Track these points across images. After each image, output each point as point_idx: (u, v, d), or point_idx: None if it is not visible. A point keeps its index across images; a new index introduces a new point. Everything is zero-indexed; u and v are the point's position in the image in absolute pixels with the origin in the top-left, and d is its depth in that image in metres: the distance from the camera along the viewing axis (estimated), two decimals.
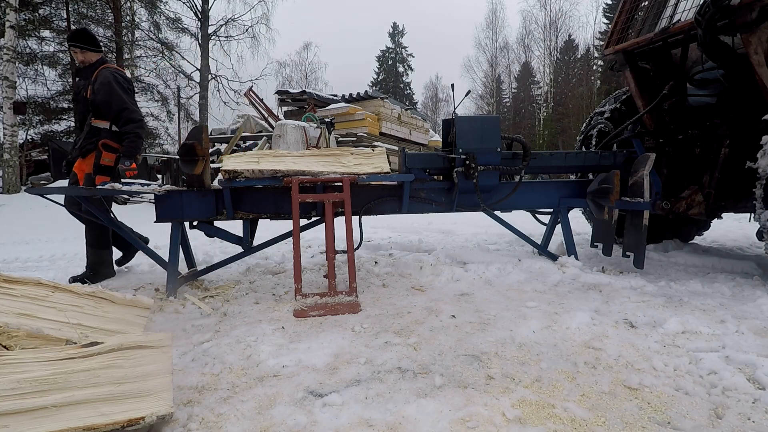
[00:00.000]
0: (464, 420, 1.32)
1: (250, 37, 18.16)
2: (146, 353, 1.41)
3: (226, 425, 1.32)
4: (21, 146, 11.66)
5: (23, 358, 1.23)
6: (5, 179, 9.81)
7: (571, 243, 3.24)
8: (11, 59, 9.95)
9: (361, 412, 1.38)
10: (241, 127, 9.95)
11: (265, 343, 1.89)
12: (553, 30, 28.16)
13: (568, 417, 1.35)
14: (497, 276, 2.92)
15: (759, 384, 1.54)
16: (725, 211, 3.39)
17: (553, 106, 27.62)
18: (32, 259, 4.23)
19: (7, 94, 9.87)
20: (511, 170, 3.10)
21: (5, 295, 1.58)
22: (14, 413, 1.11)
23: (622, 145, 3.63)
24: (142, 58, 17.74)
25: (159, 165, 9.36)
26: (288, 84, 27.02)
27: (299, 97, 11.44)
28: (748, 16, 2.57)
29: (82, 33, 3.04)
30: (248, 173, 2.63)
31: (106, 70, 2.97)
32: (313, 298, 2.44)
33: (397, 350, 1.83)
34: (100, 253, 3.05)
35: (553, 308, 2.33)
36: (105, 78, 2.90)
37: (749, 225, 3.97)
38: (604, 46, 3.77)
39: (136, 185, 2.80)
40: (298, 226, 2.57)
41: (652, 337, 1.95)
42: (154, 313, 2.28)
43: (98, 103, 2.91)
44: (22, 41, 13.47)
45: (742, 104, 3.03)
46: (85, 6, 15.68)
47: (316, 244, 4.38)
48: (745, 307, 2.36)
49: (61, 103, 16.32)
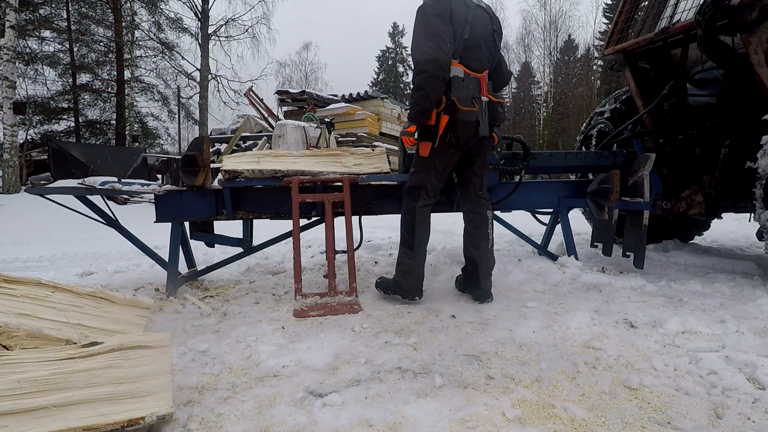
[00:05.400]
0: (464, 420, 1.32)
1: (250, 37, 18.18)
2: (146, 353, 1.41)
3: (226, 425, 1.32)
4: (21, 146, 11.65)
5: (23, 358, 1.23)
6: (5, 179, 9.81)
7: (571, 243, 3.24)
8: (11, 59, 9.95)
9: (361, 412, 1.38)
10: (241, 127, 9.94)
11: (265, 343, 1.89)
12: (553, 30, 28.20)
13: (568, 417, 1.35)
14: (497, 276, 2.92)
15: (759, 384, 1.54)
16: (725, 211, 3.39)
17: (553, 106, 27.63)
18: (32, 259, 4.24)
19: (7, 94, 9.88)
20: (511, 170, 3.10)
21: (5, 295, 1.58)
22: (14, 413, 1.11)
23: (622, 145, 3.63)
24: (142, 58, 17.75)
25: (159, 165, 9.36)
26: (288, 84, 27.05)
27: (299, 97, 11.44)
28: (748, 16, 2.57)
29: None
30: (248, 173, 2.64)
31: None
32: (313, 298, 2.44)
33: (397, 350, 1.83)
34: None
35: (553, 308, 2.33)
36: None
37: (749, 225, 3.97)
38: (604, 46, 3.77)
39: (136, 185, 2.80)
40: (298, 226, 2.57)
41: (652, 337, 1.95)
42: (154, 313, 2.28)
43: None
44: (22, 41, 13.47)
45: (742, 104, 3.03)
46: (86, 6, 15.69)
47: (316, 244, 4.38)
48: (745, 307, 2.36)
49: (61, 103, 16.32)
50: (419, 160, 2.40)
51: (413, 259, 2.41)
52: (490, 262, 2.46)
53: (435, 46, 2.12)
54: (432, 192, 2.40)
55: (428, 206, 2.41)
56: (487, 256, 2.44)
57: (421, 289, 2.46)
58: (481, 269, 2.44)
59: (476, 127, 2.23)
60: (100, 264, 3.83)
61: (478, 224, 2.48)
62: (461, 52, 2.22)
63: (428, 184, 2.38)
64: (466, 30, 2.22)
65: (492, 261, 2.48)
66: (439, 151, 2.31)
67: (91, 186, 2.63)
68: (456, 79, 2.20)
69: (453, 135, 2.24)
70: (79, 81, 16.44)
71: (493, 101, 2.32)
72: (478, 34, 2.28)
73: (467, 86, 2.22)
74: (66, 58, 15.78)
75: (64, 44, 15.67)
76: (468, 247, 2.51)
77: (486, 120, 2.25)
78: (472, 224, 2.50)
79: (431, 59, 2.12)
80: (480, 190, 2.50)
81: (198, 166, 2.66)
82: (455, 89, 2.19)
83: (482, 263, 2.44)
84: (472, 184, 2.50)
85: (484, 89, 2.28)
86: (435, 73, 2.13)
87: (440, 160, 2.34)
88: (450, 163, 2.39)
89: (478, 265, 2.44)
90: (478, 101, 2.23)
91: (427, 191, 2.38)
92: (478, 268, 2.44)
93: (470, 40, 2.23)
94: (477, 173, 2.49)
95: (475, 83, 2.24)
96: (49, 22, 14.79)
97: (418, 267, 2.42)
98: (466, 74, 2.23)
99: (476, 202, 2.50)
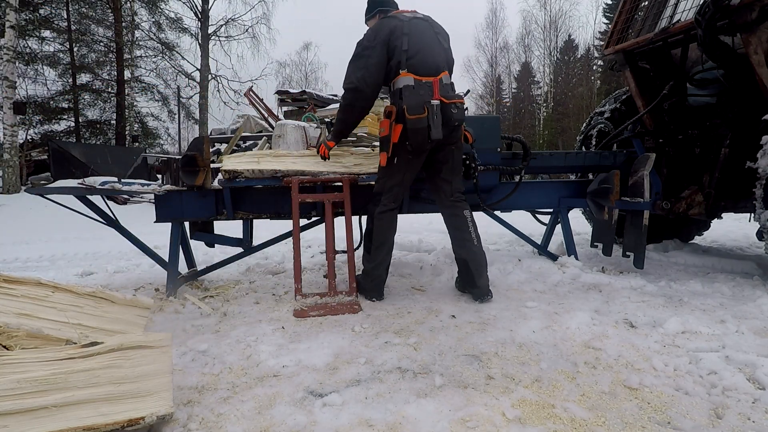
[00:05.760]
0: (464, 420, 1.32)
1: (251, 37, 18.16)
2: (146, 353, 1.41)
3: (226, 425, 1.32)
4: (21, 146, 11.65)
5: (23, 358, 1.23)
6: (5, 179, 9.81)
7: (571, 243, 3.24)
8: (11, 59, 9.95)
9: (361, 412, 1.38)
10: (241, 127, 9.93)
11: (265, 343, 1.90)
12: (553, 30, 28.14)
13: (568, 417, 1.35)
14: (497, 276, 2.93)
15: (759, 384, 1.54)
16: (725, 211, 3.39)
17: (553, 106, 27.61)
18: (32, 259, 4.24)
19: (7, 94, 9.88)
20: (511, 170, 3.10)
21: (5, 295, 1.58)
22: (14, 413, 1.11)
23: (622, 145, 3.63)
24: (142, 58, 17.75)
25: (159, 165, 9.36)
26: (288, 84, 27.04)
27: (299, 97, 11.43)
28: (748, 16, 2.57)
29: None
30: (248, 173, 2.64)
31: None
32: (313, 298, 2.44)
33: (397, 350, 1.83)
34: None
35: (553, 308, 2.33)
36: None
37: (749, 225, 3.97)
38: (604, 46, 3.77)
39: (136, 185, 2.80)
40: (298, 226, 2.57)
41: (652, 337, 1.95)
42: (154, 313, 2.28)
43: None
44: (22, 41, 13.47)
45: (742, 104, 3.03)
46: (86, 6, 15.69)
47: (316, 244, 4.38)
48: (745, 307, 2.36)
49: (61, 103, 16.32)
50: (380, 168, 2.49)
51: (371, 262, 2.51)
52: (481, 260, 2.47)
53: (360, 77, 2.36)
54: (392, 198, 2.49)
55: (387, 212, 2.49)
56: (476, 254, 2.46)
57: (379, 290, 2.53)
58: (472, 268, 2.46)
59: (427, 131, 2.26)
60: (100, 264, 3.83)
61: (458, 226, 2.50)
62: (406, 62, 2.33)
63: (387, 191, 2.49)
64: (404, 42, 2.35)
65: (482, 258, 2.48)
66: (396, 159, 2.39)
67: (91, 186, 2.63)
68: (407, 88, 2.30)
69: (408, 142, 2.32)
70: (79, 81, 16.44)
71: (446, 103, 2.33)
72: (419, 41, 2.39)
73: (418, 92, 2.29)
74: (66, 58, 15.77)
75: (64, 44, 15.67)
76: (456, 250, 2.54)
77: (438, 123, 2.27)
78: (453, 227, 2.53)
79: (353, 88, 2.38)
80: (452, 195, 2.52)
81: (198, 166, 2.67)
82: (406, 98, 2.28)
83: (472, 262, 2.46)
84: (443, 191, 2.53)
85: (437, 92, 2.32)
86: (354, 102, 2.41)
87: (398, 167, 2.43)
88: (410, 169, 2.46)
89: (469, 264, 2.47)
90: (429, 106, 2.27)
91: (387, 198, 2.48)
92: (470, 267, 2.47)
93: (411, 49, 2.35)
94: (446, 179, 2.52)
95: (426, 88, 2.31)
96: (49, 22, 14.79)
97: (376, 269, 2.51)
98: (417, 81, 2.31)
99: (451, 206, 2.53)
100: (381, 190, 2.51)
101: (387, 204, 2.48)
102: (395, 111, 2.31)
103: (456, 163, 2.52)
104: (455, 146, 2.47)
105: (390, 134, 2.32)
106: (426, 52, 2.39)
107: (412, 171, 2.48)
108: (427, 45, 2.41)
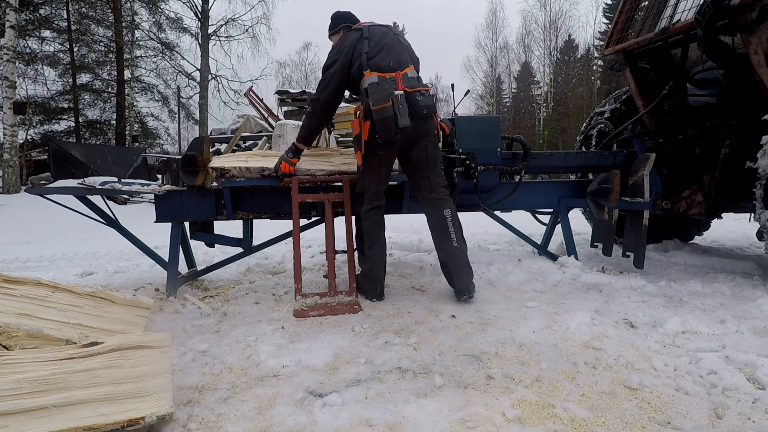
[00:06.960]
0: (464, 420, 1.32)
1: (250, 37, 18.16)
2: (146, 353, 1.41)
3: (226, 425, 1.32)
4: (21, 146, 11.64)
5: (23, 358, 1.23)
6: (5, 179, 9.81)
7: (571, 243, 3.24)
8: (11, 59, 9.95)
9: (361, 412, 1.38)
10: (241, 127, 9.94)
11: (265, 343, 1.89)
12: (553, 30, 28.15)
13: (568, 417, 1.35)
14: (497, 276, 2.93)
15: (759, 384, 1.54)
16: (725, 211, 3.39)
17: (553, 106, 27.61)
18: (32, 259, 4.24)
19: (7, 94, 9.88)
20: (511, 170, 3.10)
21: (5, 295, 1.58)
22: (14, 413, 1.11)
23: (622, 145, 3.63)
24: (142, 58, 17.76)
25: (159, 165, 9.36)
26: (288, 84, 27.06)
27: (299, 97, 11.43)
28: (748, 16, 2.57)
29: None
30: (235, 171, 2.63)
31: None
32: (313, 298, 2.44)
33: (397, 350, 1.83)
34: None
35: (553, 308, 2.33)
36: None
37: (749, 225, 3.97)
38: (604, 46, 3.77)
39: (136, 185, 2.80)
40: (298, 226, 2.57)
41: (652, 337, 1.95)
42: (154, 313, 2.28)
43: None
44: (22, 41, 13.47)
45: (742, 104, 3.03)
46: (86, 6, 15.68)
47: (316, 244, 4.38)
48: (745, 307, 2.36)
49: (61, 103, 16.32)
50: (358, 169, 2.53)
51: (367, 262, 2.51)
52: (460, 261, 2.44)
53: (323, 89, 2.52)
54: (374, 195, 2.50)
55: (373, 209, 2.50)
56: (455, 256, 2.43)
57: (378, 290, 2.52)
58: (450, 269, 2.46)
59: (395, 120, 2.29)
60: (100, 264, 3.83)
61: (436, 226, 2.50)
62: (368, 62, 2.42)
63: (368, 189, 2.50)
64: (365, 45, 2.46)
65: (461, 259, 2.44)
66: (369, 155, 2.43)
67: (91, 186, 2.63)
68: (372, 85, 2.35)
69: (377, 135, 2.35)
70: (79, 81, 16.43)
71: (409, 92, 2.36)
72: (380, 41, 2.49)
73: (382, 87, 2.34)
74: (66, 58, 15.77)
75: (64, 44, 15.66)
76: (437, 251, 2.54)
77: (405, 111, 2.29)
78: (433, 227, 2.53)
79: (314, 99, 2.56)
80: (432, 192, 2.51)
81: (198, 166, 2.67)
82: (371, 95, 2.33)
83: (450, 263, 2.45)
84: (423, 187, 2.53)
85: (400, 84, 2.37)
86: (315, 110, 2.56)
87: (373, 163, 2.45)
88: (384, 164, 2.48)
89: (448, 266, 2.47)
90: (393, 96, 2.31)
91: (369, 196, 2.49)
92: (448, 268, 2.47)
93: (372, 50, 2.45)
94: (424, 176, 2.51)
95: (390, 82, 2.36)
96: (49, 22, 14.78)
97: (373, 269, 2.50)
98: (381, 77, 2.38)
99: (430, 205, 2.52)
100: (362, 189, 2.53)
101: (371, 202, 2.49)
102: (363, 109, 2.37)
103: (431, 157, 2.51)
104: (428, 140, 2.48)
105: (360, 132, 2.38)
106: (386, 50, 2.46)
107: (386, 165, 2.49)
108: (387, 44, 2.49)
